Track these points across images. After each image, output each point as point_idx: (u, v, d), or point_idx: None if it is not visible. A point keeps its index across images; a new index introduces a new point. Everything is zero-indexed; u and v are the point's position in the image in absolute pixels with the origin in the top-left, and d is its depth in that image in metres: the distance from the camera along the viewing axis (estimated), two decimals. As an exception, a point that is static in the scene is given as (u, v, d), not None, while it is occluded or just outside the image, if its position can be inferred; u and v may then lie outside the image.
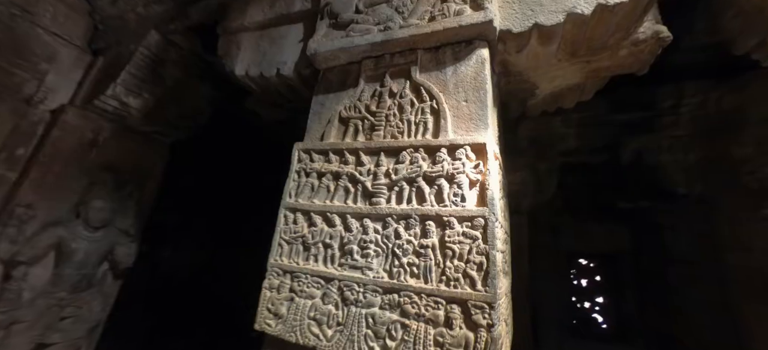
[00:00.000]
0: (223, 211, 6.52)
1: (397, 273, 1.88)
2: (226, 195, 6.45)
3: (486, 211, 1.78)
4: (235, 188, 6.49)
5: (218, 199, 6.40)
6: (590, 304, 6.69)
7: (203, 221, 6.47)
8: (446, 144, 1.98)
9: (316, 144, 2.39)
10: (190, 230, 6.39)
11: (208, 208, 6.38)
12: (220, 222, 6.58)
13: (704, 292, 4.47)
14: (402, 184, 2.03)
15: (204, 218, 6.44)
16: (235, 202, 6.53)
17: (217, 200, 6.39)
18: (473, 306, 1.67)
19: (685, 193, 4.50)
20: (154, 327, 6.17)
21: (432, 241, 1.85)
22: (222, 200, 6.44)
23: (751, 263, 3.74)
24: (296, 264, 2.16)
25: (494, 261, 1.69)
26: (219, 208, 6.47)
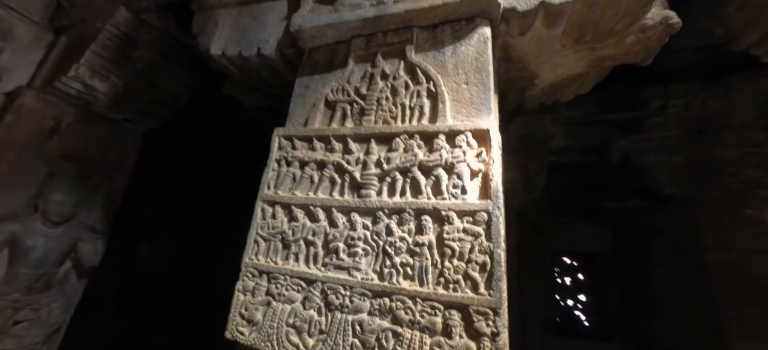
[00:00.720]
0: (204, 205, 6.08)
1: (389, 275, 1.61)
2: (206, 189, 6.02)
3: (489, 204, 1.54)
4: (215, 181, 6.06)
5: (198, 193, 5.96)
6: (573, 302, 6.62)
7: (182, 216, 6.02)
8: (445, 130, 1.73)
9: (299, 130, 2.09)
10: (167, 225, 5.93)
11: (187, 202, 5.93)
12: (200, 217, 6.14)
13: (686, 291, 4.40)
14: (394, 174, 1.77)
15: (183, 213, 5.99)
16: (216, 196, 6.10)
17: (196, 194, 5.95)
18: (475, 312, 1.42)
19: (671, 193, 4.43)
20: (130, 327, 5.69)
21: (428, 238, 1.60)
22: (202, 194, 6.00)
23: (732, 262, 3.68)
24: (274, 264, 1.86)
25: (499, 261, 1.45)
26: (199, 202, 6.03)
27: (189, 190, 5.92)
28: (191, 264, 6.03)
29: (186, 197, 5.94)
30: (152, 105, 3.50)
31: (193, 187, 5.95)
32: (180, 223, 5.96)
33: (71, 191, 3.42)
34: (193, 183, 5.88)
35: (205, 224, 6.10)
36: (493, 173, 1.58)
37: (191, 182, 5.85)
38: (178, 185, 5.74)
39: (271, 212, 1.99)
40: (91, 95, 3.31)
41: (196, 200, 6.04)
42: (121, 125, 3.62)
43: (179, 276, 5.97)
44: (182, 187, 5.84)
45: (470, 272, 1.48)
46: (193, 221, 6.07)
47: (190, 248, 6.05)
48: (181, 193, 5.85)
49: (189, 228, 6.06)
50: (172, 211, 5.89)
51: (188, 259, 6.04)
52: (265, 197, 2.02)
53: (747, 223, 3.66)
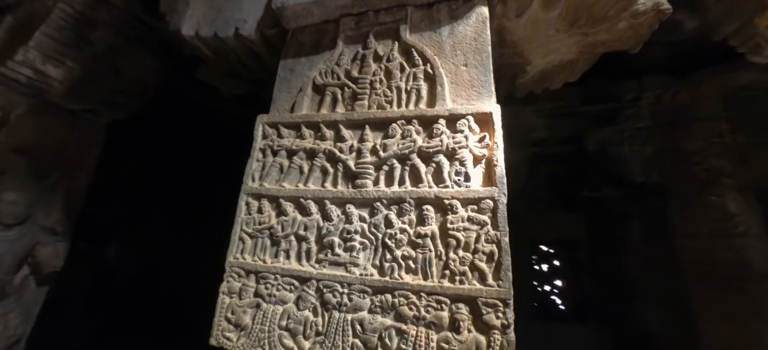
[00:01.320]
0: (179, 202, 5.66)
1: (390, 269, 1.48)
2: (180, 184, 5.60)
3: (495, 191, 1.43)
4: (191, 177, 5.65)
5: (171, 189, 5.54)
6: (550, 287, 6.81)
7: (156, 214, 5.58)
8: (445, 114, 1.60)
9: (285, 117, 1.90)
10: (139, 223, 5.49)
11: (161, 199, 5.50)
12: (175, 215, 5.72)
13: (655, 275, 4.59)
14: (392, 162, 1.63)
15: (156, 211, 5.55)
16: (192, 192, 5.69)
17: (170, 190, 5.53)
18: (484, 303, 1.32)
19: (642, 182, 4.57)
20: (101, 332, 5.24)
21: (431, 229, 1.48)
22: (176, 190, 5.58)
23: (697, 247, 3.84)
24: (262, 262, 1.68)
25: (507, 250, 1.36)
26: (173, 199, 5.61)
27: (162, 186, 5.49)
28: (167, 263, 5.63)
29: (159, 194, 5.50)
30: (116, 94, 3.13)
31: (167, 183, 5.52)
32: (153, 221, 5.53)
33: (25, 190, 3.03)
34: (167, 179, 5.45)
35: (181, 221, 5.69)
36: (498, 158, 1.48)
37: (164, 178, 5.42)
38: (149, 181, 5.30)
39: (257, 206, 1.80)
40: (43, 82, 2.91)
41: (170, 196, 5.62)
42: (80, 117, 3.23)
43: (153, 276, 5.56)
44: (154, 183, 5.40)
45: (477, 262, 1.38)
46: (167, 219, 5.65)
47: (165, 247, 5.64)
48: (153, 189, 5.42)
49: (163, 226, 5.64)
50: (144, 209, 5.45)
51: (163, 258, 5.63)
52: (250, 190, 1.82)
53: (711, 209, 3.82)
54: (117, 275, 5.45)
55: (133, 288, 5.49)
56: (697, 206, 4.00)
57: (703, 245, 3.88)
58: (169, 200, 5.56)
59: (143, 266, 5.49)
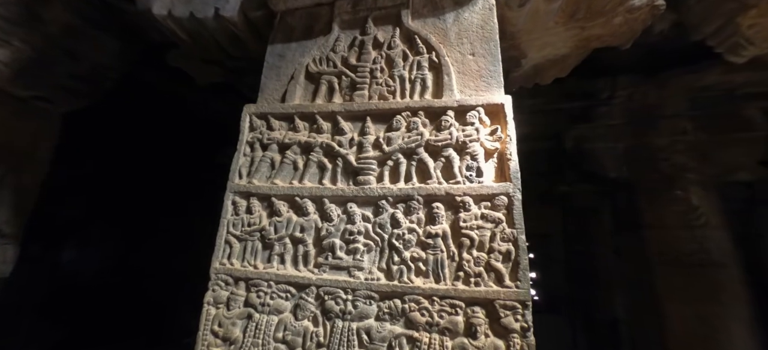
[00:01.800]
0: (146, 200, 5.17)
1: (399, 272, 1.34)
2: (148, 181, 5.11)
3: (509, 187, 1.34)
4: (161, 173, 5.17)
5: (139, 186, 5.04)
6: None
7: (120, 213, 5.06)
8: (453, 106, 1.48)
9: (276, 107, 1.70)
10: (102, 224, 4.95)
11: (126, 197, 4.98)
12: (144, 214, 5.22)
13: (625, 265, 4.78)
14: (397, 157, 1.49)
15: (121, 210, 5.03)
16: (162, 189, 5.22)
17: (137, 188, 5.03)
18: (502, 306, 1.23)
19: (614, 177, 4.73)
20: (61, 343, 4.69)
21: (442, 228, 1.36)
22: (143, 187, 5.08)
23: (663, 237, 4.02)
24: (253, 268, 1.48)
25: (524, 248, 1.27)
26: (141, 197, 5.11)
27: (127, 183, 4.98)
28: (135, 266, 5.13)
29: (124, 191, 4.99)
30: (73, 80, 2.73)
31: (133, 179, 5.02)
32: (118, 221, 5.01)
33: (-39, 190, 2.58)
34: (132, 175, 4.95)
35: (150, 221, 5.20)
36: (511, 152, 1.38)
37: (130, 174, 4.91)
38: (113, 177, 4.78)
39: (246, 205, 1.59)
40: (-17, 65, 2.47)
41: (137, 194, 5.11)
42: (30, 105, 2.79)
43: (120, 280, 5.06)
44: (118, 179, 4.88)
45: (493, 262, 1.28)
46: (134, 218, 5.14)
47: (132, 249, 5.14)
48: (117, 186, 4.89)
49: (129, 226, 5.13)
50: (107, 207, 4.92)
51: (131, 261, 5.13)
52: (237, 188, 1.61)
53: (675, 203, 4.01)
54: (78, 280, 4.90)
55: (98, 293, 4.96)
56: (663, 199, 4.18)
57: (668, 236, 4.05)
58: (136, 197, 5.06)
59: (108, 269, 4.98)
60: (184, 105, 3.94)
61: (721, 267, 3.77)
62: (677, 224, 4.04)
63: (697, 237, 3.90)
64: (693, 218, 4.01)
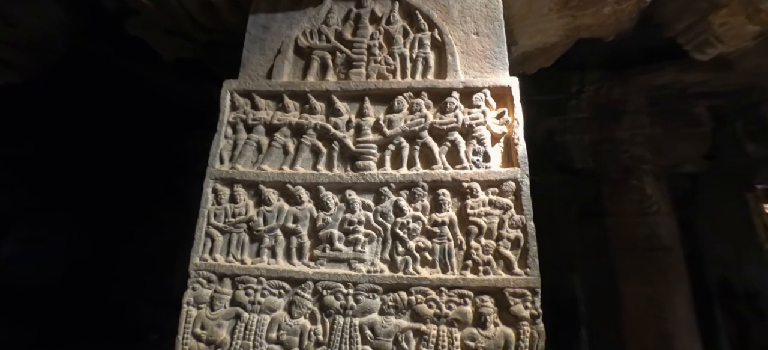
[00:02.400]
0: (104, 190, 4.58)
1: (403, 263, 1.24)
2: (104, 169, 4.52)
3: (517, 172, 1.28)
4: (117, 160, 4.59)
5: (93, 174, 4.44)
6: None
7: (72, 204, 4.43)
8: (459, 87, 1.39)
9: (261, 84, 1.51)
10: (48, 215, 4.31)
11: (79, 185, 4.37)
12: (99, 205, 4.62)
13: (588, 250, 5.07)
14: (399, 140, 1.37)
15: (71, 200, 4.41)
16: (118, 178, 4.64)
17: (91, 176, 4.43)
18: (512, 294, 1.17)
19: (581, 168, 4.96)
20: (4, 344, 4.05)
21: (448, 215, 1.27)
22: (99, 176, 4.49)
23: (622, 224, 4.28)
24: (240, 263, 1.31)
25: (533, 235, 1.22)
26: (96, 186, 4.51)
27: (82, 170, 4.37)
28: (89, 262, 4.56)
29: (75, 179, 4.37)
30: (6, 48, 2.28)
31: (89, 166, 4.41)
32: (68, 212, 4.39)
33: None
34: (89, 161, 4.34)
35: (111, 212, 4.62)
36: (518, 136, 1.32)
37: (85, 160, 4.30)
38: (61, 162, 4.16)
39: (229, 194, 1.40)
40: None
41: (95, 182, 4.50)
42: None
43: (70, 277, 4.47)
44: (69, 165, 4.26)
45: (502, 250, 1.22)
46: (89, 210, 4.53)
47: (86, 243, 4.55)
48: (67, 173, 4.27)
49: (83, 218, 4.52)
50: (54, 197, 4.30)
51: (85, 257, 4.55)
52: (218, 175, 1.41)
53: (633, 192, 4.27)
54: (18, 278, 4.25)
55: (44, 292, 4.35)
56: (622, 189, 4.44)
57: (626, 223, 4.32)
58: (94, 186, 4.47)
59: (56, 265, 4.38)
60: (146, 86, 3.48)
61: (668, 250, 4.08)
62: (633, 212, 4.31)
63: (650, 223, 4.19)
64: (647, 206, 4.29)
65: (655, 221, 4.21)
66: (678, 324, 3.80)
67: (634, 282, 4.05)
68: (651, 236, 4.17)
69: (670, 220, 4.29)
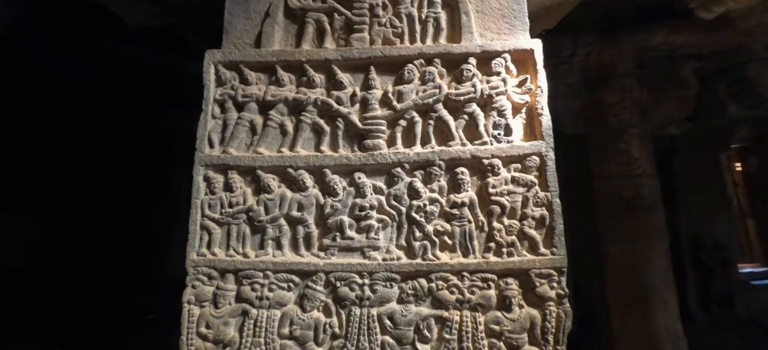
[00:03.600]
0: (70, 175, 4.16)
1: (421, 249, 1.12)
2: (69, 153, 4.08)
3: (541, 145, 1.14)
4: (83, 143, 4.15)
5: (57, 158, 4.01)
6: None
7: (23, 188, 3.98)
8: (476, 52, 1.20)
9: (249, 53, 1.27)
10: (15, 206, 3.92)
11: (30, 168, 3.92)
12: (66, 191, 4.21)
13: (575, 212, 5.13)
14: (411, 115, 1.20)
15: (23, 184, 3.96)
16: (87, 162, 4.22)
17: (55, 161, 4.00)
18: (537, 275, 1.08)
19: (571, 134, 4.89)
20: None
21: (468, 196, 1.14)
22: (64, 161, 4.06)
23: (609, 185, 4.31)
24: (242, 257, 1.16)
25: (559, 212, 1.11)
26: (61, 171, 4.09)
27: (43, 154, 3.94)
28: (54, 251, 4.21)
29: (31, 163, 3.93)
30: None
31: (51, 151, 3.98)
32: (18, 198, 3.96)
33: None
34: (50, 145, 3.91)
35: (80, 198, 4.25)
36: (542, 106, 1.17)
37: (34, 140, 3.85)
38: (21, 148, 3.73)
39: (223, 181, 1.21)
40: None
41: (60, 168, 4.08)
42: None
43: (35, 266, 4.14)
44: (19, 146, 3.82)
45: (527, 230, 1.11)
46: (59, 197, 4.14)
47: (48, 232, 4.18)
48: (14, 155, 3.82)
49: (45, 205, 4.10)
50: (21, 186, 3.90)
51: (48, 245, 4.19)
52: (209, 160, 1.21)
53: (620, 155, 4.26)
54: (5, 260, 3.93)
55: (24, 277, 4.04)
56: (610, 151, 4.42)
57: (612, 184, 4.34)
58: (59, 171, 4.06)
59: (23, 254, 4.04)
60: (111, 60, 3.07)
61: (650, 209, 4.16)
62: (620, 174, 4.33)
63: (635, 185, 4.22)
64: (633, 168, 4.31)
65: (639, 183, 4.25)
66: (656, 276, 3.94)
67: (618, 240, 4.13)
68: (635, 196, 4.21)
69: (653, 181, 4.34)
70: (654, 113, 4.52)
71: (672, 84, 4.44)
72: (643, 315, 3.71)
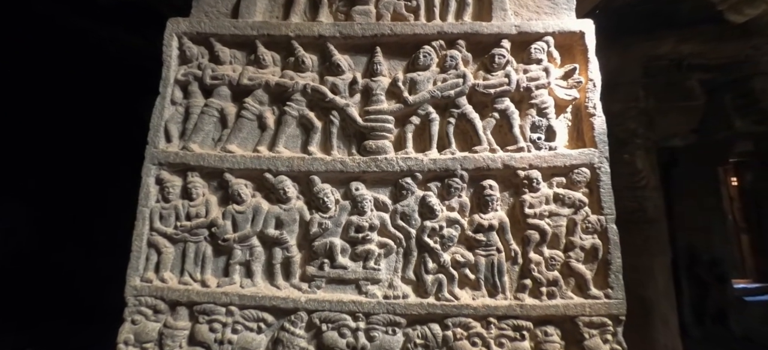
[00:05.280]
0: (52, 168, 3.78)
1: (435, 284, 0.83)
2: (49, 144, 3.70)
3: (594, 155, 0.86)
4: (65, 134, 3.77)
5: (37, 149, 3.62)
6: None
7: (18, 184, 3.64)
8: (511, 32, 0.91)
9: (223, 24, 0.97)
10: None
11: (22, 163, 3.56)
12: (48, 186, 3.83)
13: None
14: (427, 110, 0.91)
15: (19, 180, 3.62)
16: (69, 154, 3.83)
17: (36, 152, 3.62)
18: (587, 324, 0.81)
19: (577, 143, 4.67)
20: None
21: (497, 217, 0.85)
22: (45, 152, 3.68)
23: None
24: (200, 286, 0.86)
25: (616, 242, 0.83)
26: (43, 164, 3.70)
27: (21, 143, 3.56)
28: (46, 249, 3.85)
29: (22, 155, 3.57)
30: None
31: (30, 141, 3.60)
32: (18, 193, 3.62)
33: None
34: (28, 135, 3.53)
35: (62, 193, 3.87)
36: (594, 104, 0.89)
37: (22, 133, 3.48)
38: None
39: (181, 186, 0.91)
40: None
41: (42, 160, 3.71)
42: None
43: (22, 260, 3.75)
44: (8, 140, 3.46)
45: (574, 264, 0.83)
46: (41, 191, 3.75)
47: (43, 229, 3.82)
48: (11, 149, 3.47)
49: (34, 200, 3.74)
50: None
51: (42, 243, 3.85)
52: (164, 158, 0.90)
53: (623, 165, 4.04)
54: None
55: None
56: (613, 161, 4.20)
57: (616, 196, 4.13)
58: (41, 164, 3.69)
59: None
60: (89, 42, 2.73)
61: (653, 223, 3.93)
62: (624, 186, 4.11)
63: (638, 197, 4.00)
64: (636, 180, 4.08)
65: (642, 195, 4.02)
66: (657, 292, 3.70)
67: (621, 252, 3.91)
68: (638, 209, 3.99)
69: (657, 194, 4.12)
70: (660, 124, 4.29)
71: (678, 95, 4.22)
72: (642, 332, 3.46)
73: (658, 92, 4.24)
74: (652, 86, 4.25)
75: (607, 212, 0.83)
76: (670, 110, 4.34)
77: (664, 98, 4.26)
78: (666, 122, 4.37)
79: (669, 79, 4.28)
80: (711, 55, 3.97)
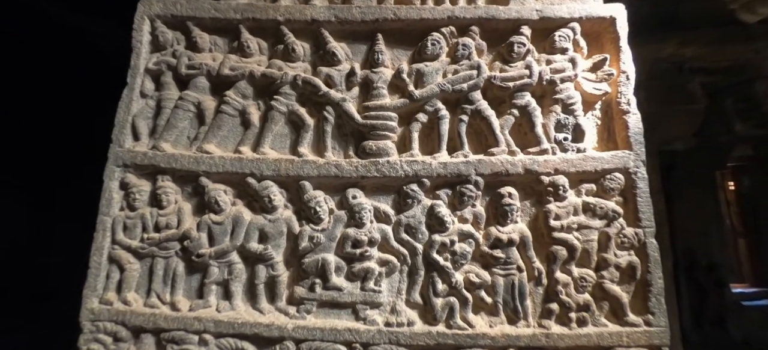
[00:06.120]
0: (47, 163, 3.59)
1: (446, 309, 0.71)
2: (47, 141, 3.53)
3: (629, 158, 0.74)
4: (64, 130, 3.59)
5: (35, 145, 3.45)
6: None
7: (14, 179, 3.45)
8: (532, 18, 0.79)
9: (203, 7, 0.84)
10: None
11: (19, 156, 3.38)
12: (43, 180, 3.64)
13: None
14: (435, 107, 0.78)
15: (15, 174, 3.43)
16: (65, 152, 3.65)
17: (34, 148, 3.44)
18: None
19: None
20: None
21: (518, 230, 0.73)
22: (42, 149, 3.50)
23: None
24: (170, 309, 0.73)
25: (657, 259, 0.71)
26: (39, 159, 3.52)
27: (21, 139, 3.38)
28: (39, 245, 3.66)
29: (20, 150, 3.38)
30: None
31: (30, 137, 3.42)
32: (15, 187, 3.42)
33: None
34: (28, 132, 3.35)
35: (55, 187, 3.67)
36: (628, 99, 0.77)
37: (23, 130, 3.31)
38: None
39: (149, 191, 0.77)
40: None
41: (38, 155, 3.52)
42: None
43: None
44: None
45: (607, 285, 0.70)
46: (35, 185, 3.56)
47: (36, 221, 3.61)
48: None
49: (29, 193, 3.55)
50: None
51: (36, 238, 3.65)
52: (130, 159, 0.77)
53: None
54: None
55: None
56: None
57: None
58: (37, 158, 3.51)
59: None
60: (86, 39, 2.58)
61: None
62: (625, 190, 4.05)
63: (639, 201, 3.92)
64: (638, 184, 4.00)
65: (644, 200, 3.95)
66: (660, 298, 3.63)
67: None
68: (637, 215, 3.90)
69: (659, 198, 4.03)
70: (662, 127, 4.21)
71: (680, 98, 4.15)
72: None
73: (660, 94, 4.17)
74: (654, 88, 4.18)
75: (646, 224, 0.71)
76: (673, 113, 4.28)
77: (666, 101, 4.20)
78: (668, 125, 4.30)
79: (671, 81, 4.21)
80: (713, 59, 3.90)
